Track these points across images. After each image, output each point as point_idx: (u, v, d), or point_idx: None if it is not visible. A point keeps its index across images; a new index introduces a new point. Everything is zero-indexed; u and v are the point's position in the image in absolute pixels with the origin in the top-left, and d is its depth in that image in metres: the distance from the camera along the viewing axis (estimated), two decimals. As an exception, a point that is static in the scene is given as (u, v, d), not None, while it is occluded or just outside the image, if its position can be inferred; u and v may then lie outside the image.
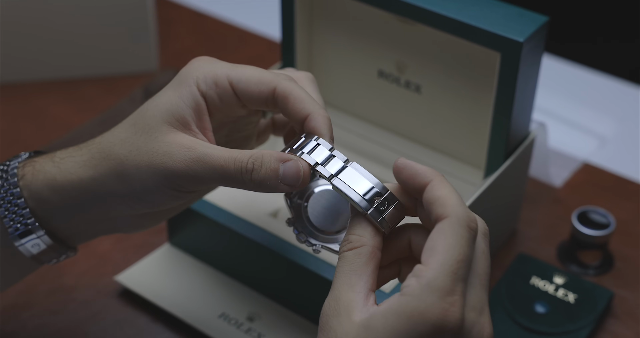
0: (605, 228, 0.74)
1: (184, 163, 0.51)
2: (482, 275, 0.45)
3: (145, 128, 0.53)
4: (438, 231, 0.45)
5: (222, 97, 0.53)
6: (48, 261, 0.57)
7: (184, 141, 0.52)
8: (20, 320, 0.69)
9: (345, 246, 0.48)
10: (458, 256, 0.44)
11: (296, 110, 0.52)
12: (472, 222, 0.45)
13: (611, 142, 0.89)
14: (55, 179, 0.54)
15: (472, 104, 0.71)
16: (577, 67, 0.98)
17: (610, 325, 0.71)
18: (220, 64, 0.54)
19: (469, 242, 0.44)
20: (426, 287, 0.43)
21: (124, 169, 0.53)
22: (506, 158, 0.69)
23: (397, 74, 0.74)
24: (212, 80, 0.53)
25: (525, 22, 0.64)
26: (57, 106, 0.91)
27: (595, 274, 0.75)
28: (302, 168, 0.50)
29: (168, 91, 0.54)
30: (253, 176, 0.50)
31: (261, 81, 0.53)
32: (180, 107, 0.52)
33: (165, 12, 1.04)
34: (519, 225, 0.79)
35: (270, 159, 0.50)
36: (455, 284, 0.43)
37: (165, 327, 0.69)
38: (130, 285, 0.70)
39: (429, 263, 0.44)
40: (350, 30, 0.74)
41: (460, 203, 0.45)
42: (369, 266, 0.47)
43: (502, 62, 0.64)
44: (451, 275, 0.43)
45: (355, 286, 0.46)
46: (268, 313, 0.68)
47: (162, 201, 0.54)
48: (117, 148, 0.53)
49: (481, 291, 0.45)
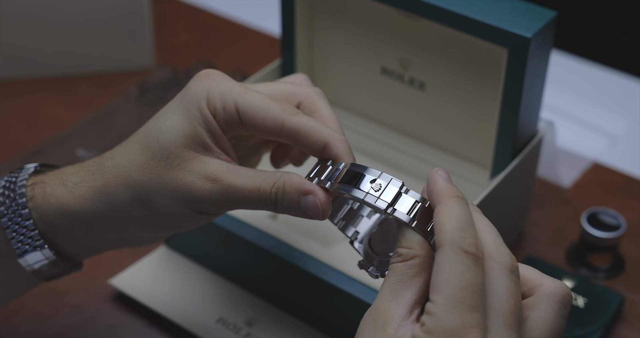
0: (615, 230, 0.74)
1: (210, 193, 0.51)
2: (507, 314, 0.42)
3: (164, 153, 0.52)
4: (436, 263, 0.43)
5: (228, 123, 0.53)
6: (54, 277, 0.57)
7: (208, 171, 0.51)
8: (12, 325, 0.69)
9: (395, 259, 0.46)
10: (460, 284, 0.41)
11: (311, 143, 0.52)
12: (468, 246, 0.42)
13: (622, 141, 0.89)
14: (68, 204, 0.54)
15: (478, 101, 0.71)
16: (586, 64, 0.99)
17: (620, 330, 0.71)
18: (228, 85, 0.53)
19: (469, 267, 0.42)
20: (438, 325, 0.41)
21: (148, 197, 0.52)
22: (513, 158, 0.69)
23: (401, 71, 0.74)
24: (220, 104, 0.52)
25: (533, 17, 0.64)
26: (50, 103, 0.91)
27: (605, 277, 0.75)
28: (320, 203, 0.50)
29: (178, 110, 0.53)
30: (277, 206, 0.51)
31: (267, 115, 0.52)
32: (196, 129, 0.52)
33: (161, 7, 1.04)
34: (527, 227, 0.79)
35: (291, 190, 0.51)
36: (465, 316, 0.41)
37: (161, 332, 0.69)
38: (125, 289, 0.70)
39: (434, 298, 0.42)
40: (352, 25, 0.74)
41: (456, 228, 0.43)
42: (420, 277, 0.45)
43: (509, 58, 0.64)
44: (458, 307, 0.41)
45: (401, 298, 0.44)
46: (267, 318, 0.68)
47: (188, 224, 0.54)
48: (135, 175, 0.52)
49: (507, 333, 0.42)
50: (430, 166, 0.75)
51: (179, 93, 0.54)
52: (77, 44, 0.92)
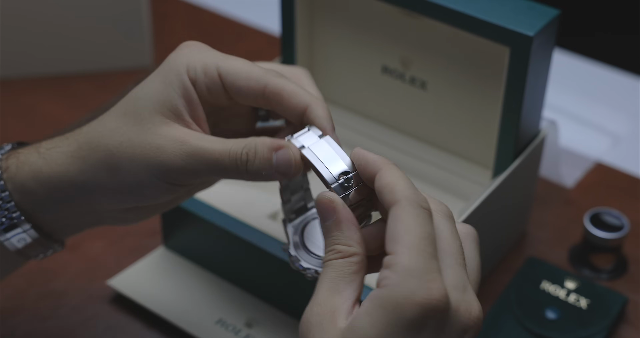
0: (618, 231, 0.73)
1: (178, 157, 0.51)
2: (456, 254, 0.46)
3: (137, 118, 0.53)
4: (393, 218, 0.45)
5: (209, 88, 0.53)
6: (35, 256, 0.57)
7: (177, 134, 0.52)
8: (9, 326, 0.69)
9: (332, 255, 0.47)
10: (420, 234, 0.44)
11: (292, 105, 0.53)
12: (423, 202, 0.46)
13: (625, 141, 0.89)
14: (41, 170, 0.54)
15: (480, 101, 0.71)
16: (589, 63, 0.99)
17: (624, 332, 0.71)
18: (210, 52, 0.54)
19: (426, 220, 0.45)
20: (403, 273, 0.43)
21: (115, 162, 0.52)
22: (515, 158, 0.69)
23: (402, 70, 0.74)
24: (201, 68, 0.53)
25: (536, 15, 0.64)
26: (48, 103, 0.91)
27: (608, 278, 0.75)
28: (292, 155, 0.51)
29: (157, 78, 0.54)
30: (248, 167, 0.51)
31: (250, 76, 0.53)
32: (172, 97, 0.53)
33: (160, 6, 1.04)
34: (529, 227, 0.79)
35: (263, 148, 0.51)
36: (428, 262, 0.44)
37: (159, 334, 0.69)
38: (123, 290, 0.70)
39: (396, 250, 0.44)
40: (353, 24, 0.74)
41: (409, 187, 0.46)
42: (359, 275, 0.46)
43: (512, 57, 0.64)
44: (422, 254, 0.44)
45: (343, 293, 0.45)
46: (267, 319, 0.68)
47: (155, 195, 0.54)
48: (106, 139, 0.53)
49: (459, 271, 0.45)
50: (432, 166, 0.75)
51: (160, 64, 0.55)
52: (75, 42, 0.92)
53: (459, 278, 0.45)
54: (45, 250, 0.57)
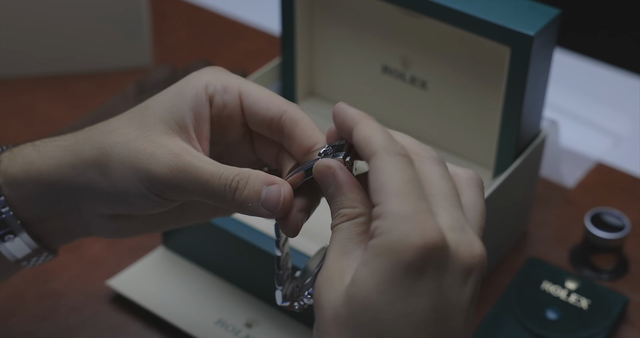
0: (619, 231, 0.73)
1: (167, 169, 0.51)
2: (449, 197, 0.45)
3: (142, 124, 0.52)
4: (372, 169, 0.45)
5: (227, 106, 0.53)
6: (26, 261, 0.57)
7: (173, 146, 0.51)
8: (8, 326, 0.69)
9: (339, 220, 0.47)
10: (402, 179, 0.44)
11: (304, 137, 0.52)
12: (400, 149, 0.45)
13: (626, 141, 0.89)
14: (33, 162, 0.54)
15: (480, 101, 0.71)
16: (590, 62, 0.99)
17: (625, 332, 0.70)
18: (233, 75, 0.54)
19: (406, 165, 0.44)
20: (393, 218, 0.43)
21: (106, 161, 0.52)
22: (516, 158, 0.69)
23: (402, 70, 0.74)
24: (222, 85, 0.53)
25: (536, 15, 0.64)
26: (47, 102, 0.91)
27: (609, 279, 0.75)
28: (283, 193, 0.50)
29: (173, 89, 0.54)
30: (236, 196, 0.50)
31: (271, 100, 0.53)
32: (181, 108, 0.52)
33: (160, 5, 1.04)
34: (530, 228, 0.79)
35: (256, 180, 0.50)
36: (416, 204, 0.43)
37: (159, 334, 0.68)
38: (122, 290, 0.70)
39: (381, 199, 0.44)
40: (353, 23, 0.74)
41: (384, 137, 0.46)
42: (367, 235, 0.46)
43: (512, 57, 0.64)
44: (408, 198, 0.43)
45: (351, 254, 0.45)
46: (267, 320, 0.68)
47: (141, 204, 0.53)
48: (103, 137, 0.53)
49: (454, 212, 0.44)
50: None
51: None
52: (75, 42, 0.92)
53: (455, 219, 0.44)
54: (37, 254, 0.56)
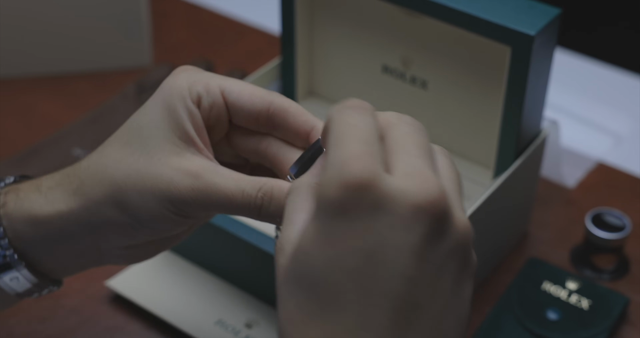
0: (620, 231, 0.73)
1: (189, 191, 0.49)
2: (413, 150, 0.41)
3: (144, 148, 0.50)
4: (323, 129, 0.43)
5: (214, 106, 0.51)
6: (28, 296, 0.55)
7: (189, 167, 0.49)
8: (7, 327, 0.68)
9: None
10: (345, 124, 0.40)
11: (298, 124, 0.50)
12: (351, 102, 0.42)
13: (627, 140, 0.89)
14: (41, 209, 0.51)
15: (480, 100, 0.70)
16: (591, 62, 0.99)
17: (625, 333, 0.70)
18: (209, 73, 0.52)
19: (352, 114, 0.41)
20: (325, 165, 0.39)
21: (124, 196, 0.50)
22: (516, 158, 0.69)
23: (403, 70, 0.74)
24: (203, 87, 0.50)
25: (537, 14, 0.64)
26: (46, 102, 0.91)
27: (610, 279, 0.75)
28: None
29: (157, 104, 0.51)
30: (262, 212, 0.48)
31: (254, 93, 0.51)
32: (180, 122, 0.50)
33: (159, 5, 1.04)
34: (530, 228, 0.79)
35: (280, 194, 0.48)
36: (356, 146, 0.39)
37: (159, 335, 0.68)
38: (122, 291, 0.70)
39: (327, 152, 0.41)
40: (353, 23, 0.74)
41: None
42: None
43: (513, 56, 0.64)
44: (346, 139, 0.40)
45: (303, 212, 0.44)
46: (267, 320, 0.68)
47: (167, 227, 0.51)
48: (112, 171, 0.50)
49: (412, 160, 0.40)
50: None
51: (157, 90, 0.52)
52: (74, 42, 0.92)
53: (410, 165, 0.40)
54: (40, 289, 0.54)
